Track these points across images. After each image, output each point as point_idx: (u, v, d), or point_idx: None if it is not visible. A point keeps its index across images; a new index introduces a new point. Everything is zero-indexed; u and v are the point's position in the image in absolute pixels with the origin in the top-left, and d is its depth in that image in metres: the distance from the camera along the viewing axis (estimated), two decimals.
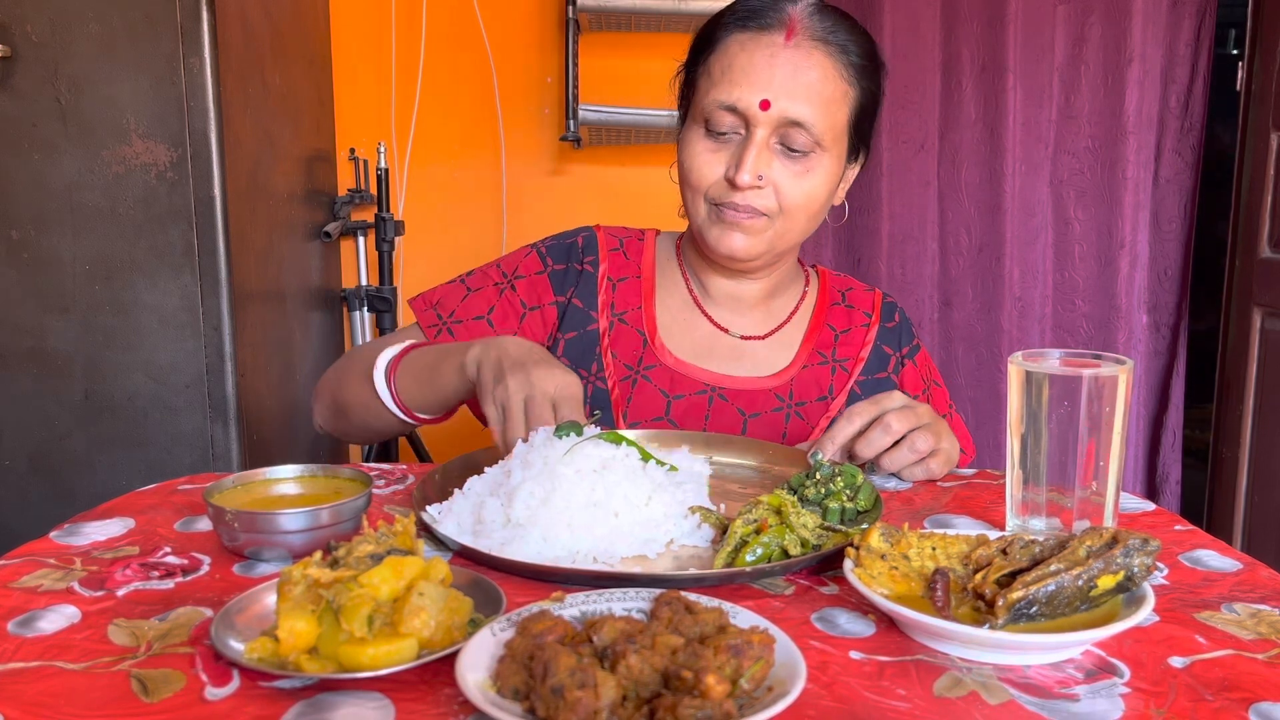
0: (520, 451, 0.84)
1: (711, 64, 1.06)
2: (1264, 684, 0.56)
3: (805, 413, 1.16)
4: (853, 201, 2.50)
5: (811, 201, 1.07)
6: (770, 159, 1.04)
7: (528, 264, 1.19)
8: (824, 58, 1.03)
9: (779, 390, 1.16)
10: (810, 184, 1.06)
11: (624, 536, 0.75)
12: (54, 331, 1.67)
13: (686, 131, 1.10)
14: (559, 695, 0.47)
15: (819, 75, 1.03)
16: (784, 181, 1.05)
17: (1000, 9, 2.40)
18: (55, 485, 1.71)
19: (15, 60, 1.59)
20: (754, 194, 1.05)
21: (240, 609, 0.60)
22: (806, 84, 1.02)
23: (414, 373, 1.04)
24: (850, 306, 1.25)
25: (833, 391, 1.18)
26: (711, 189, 1.07)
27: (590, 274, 1.18)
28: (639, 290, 1.19)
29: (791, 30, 1.03)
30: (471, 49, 2.41)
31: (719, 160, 1.06)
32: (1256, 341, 2.36)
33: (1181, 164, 2.52)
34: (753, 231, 1.07)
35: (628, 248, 1.22)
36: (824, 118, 1.04)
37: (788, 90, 1.02)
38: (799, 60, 1.02)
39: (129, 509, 0.84)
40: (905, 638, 0.62)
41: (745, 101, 1.02)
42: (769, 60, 1.02)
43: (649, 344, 1.16)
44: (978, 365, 2.54)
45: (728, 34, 1.06)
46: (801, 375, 1.18)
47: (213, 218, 1.66)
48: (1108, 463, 0.76)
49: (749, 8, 1.05)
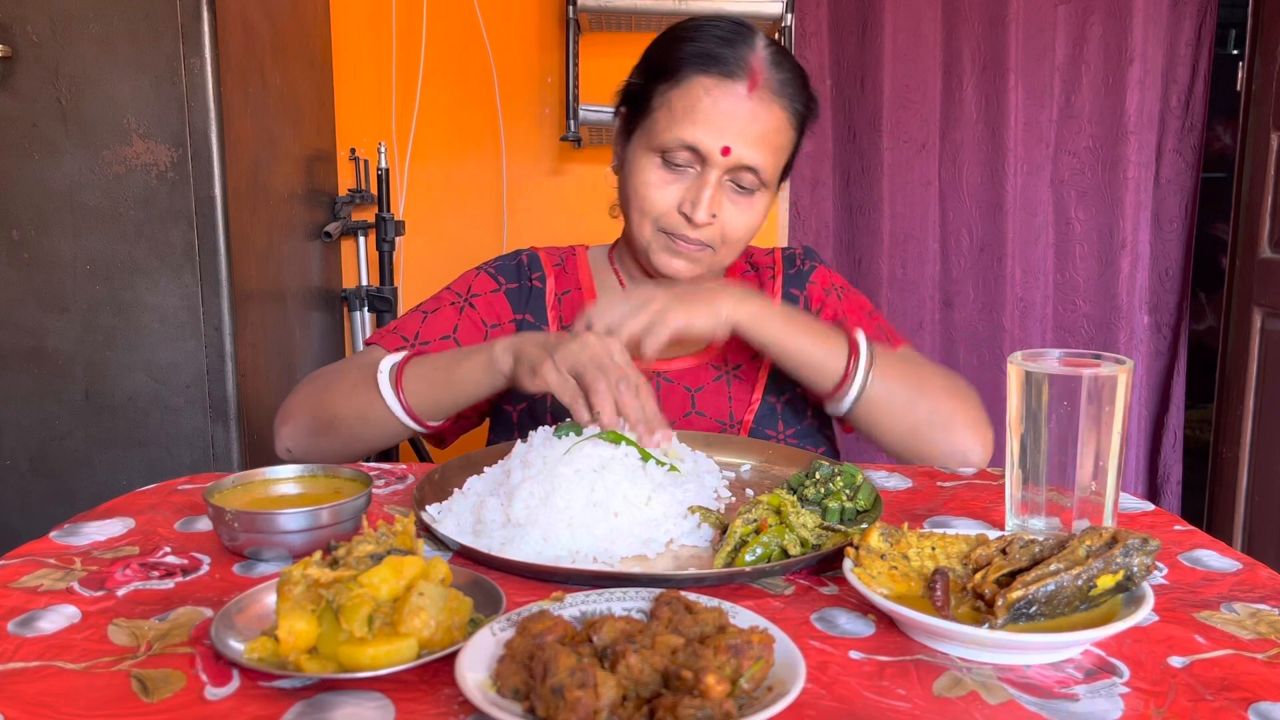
0: (520, 451, 0.84)
1: (673, 100, 1.10)
2: (1264, 684, 0.56)
3: (742, 373, 1.21)
4: (853, 201, 2.52)
5: (750, 233, 1.15)
6: (721, 198, 1.11)
7: (480, 284, 1.23)
8: (780, 110, 1.10)
9: (714, 360, 1.21)
10: (752, 218, 1.14)
11: (624, 536, 0.75)
12: (54, 331, 1.67)
13: (640, 155, 1.13)
14: (559, 695, 0.47)
15: (774, 127, 1.10)
16: (731, 217, 1.12)
17: (1001, 9, 2.40)
18: (55, 485, 1.71)
19: (15, 60, 1.59)
20: (705, 230, 1.11)
21: (240, 609, 0.60)
22: (762, 134, 1.09)
23: (425, 376, 1.04)
24: (756, 269, 1.30)
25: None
26: (662, 217, 1.12)
27: (539, 290, 1.23)
28: (581, 301, 1.23)
29: (754, 82, 1.08)
30: (471, 49, 2.41)
31: (672, 192, 1.11)
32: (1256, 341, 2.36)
33: (1182, 164, 2.52)
34: (695, 260, 1.14)
35: (566, 264, 1.27)
36: (772, 163, 1.11)
37: (746, 139, 1.08)
38: (759, 111, 1.08)
39: (129, 509, 0.84)
40: (905, 638, 0.62)
41: (707, 145, 1.07)
42: (732, 109, 1.07)
43: None
44: (979, 365, 2.54)
45: (692, 74, 1.09)
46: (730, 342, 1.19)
47: (213, 218, 1.66)
48: (1107, 462, 0.76)
49: (713, 53, 1.09)
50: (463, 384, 1.02)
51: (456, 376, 1.02)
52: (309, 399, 1.13)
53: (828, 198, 2.50)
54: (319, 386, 1.13)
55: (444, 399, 1.04)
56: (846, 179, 2.51)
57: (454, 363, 1.04)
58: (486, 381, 1.00)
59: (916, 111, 2.45)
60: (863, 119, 2.46)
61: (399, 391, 1.04)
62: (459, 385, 1.02)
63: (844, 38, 2.45)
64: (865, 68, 2.44)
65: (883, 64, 2.41)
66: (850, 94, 2.47)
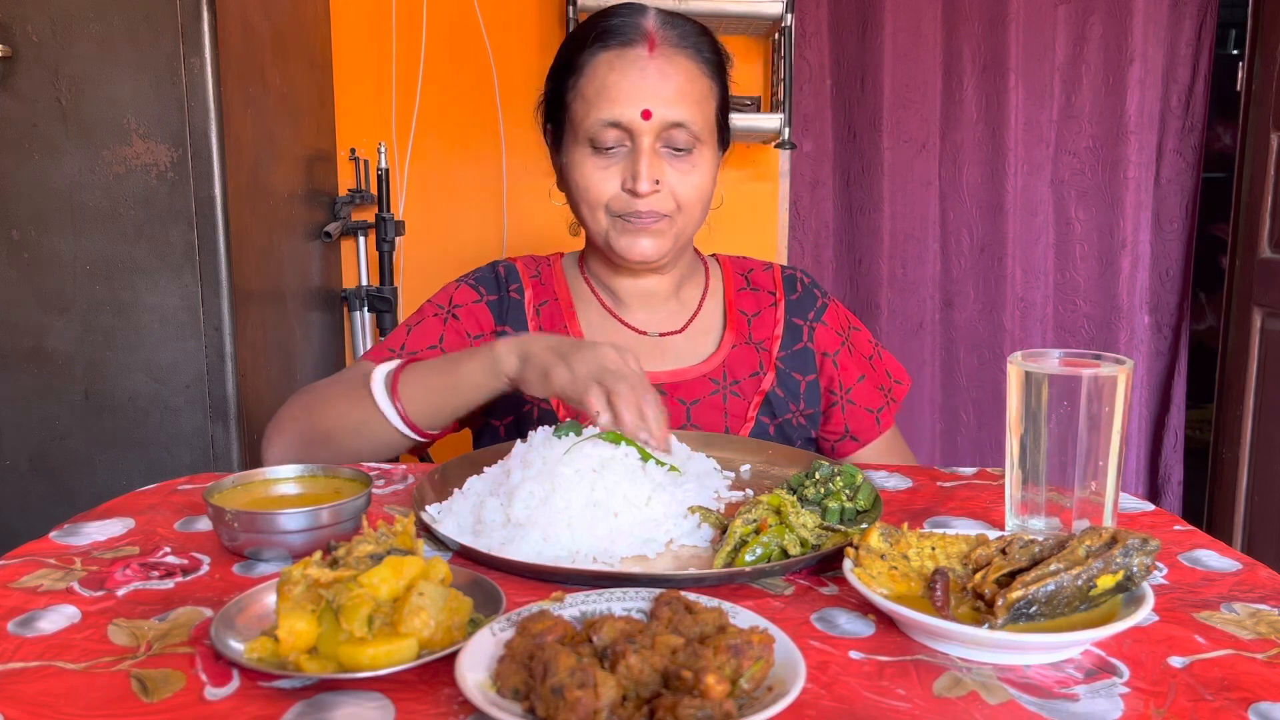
0: (520, 451, 0.84)
1: (583, 87, 1.11)
2: (1263, 684, 0.56)
3: (740, 390, 1.20)
4: (853, 201, 2.52)
5: (703, 194, 1.15)
6: (661, 164, 1.11)
7: (461, 295, 1.22)
8: (686, 61, 1.11)
9: (712, 374, 1.20)
10: (699, 178, 1.14)
11: (624, 536, 0.75)
12: (54, 331, 1.67)
13: (572, 153, 1.14)
14: (559, 695, 0.47)
15: (686, 78, 1.11)
16: (677, 181, 1.12)
17: (1001, 9, 2.40)
18: (55, 485, 1.71)
19: (15, 60, 1.59)
20: (654, 199, 1.11)
21: (240, 609, 0.60)
22: (677, 87, 1.10)
23: (423, 381, 1.02)
24: (755, 289, 1.29)
25: (762, 367, 1.22)
26: (612, 202, 1.13)
27: (518, 301, 1.22)
28: (559, 312, 1.23)
29: (652, 42, 1.10)
30: (472, 49, 2.41)
31: (612, 175, 1.12)
32: (1256, 341, 2.36)
33: (1183, 164, 2.52)
34: (658, 233, 1.14)
35: (543, 274, 1.26)
36: (699, 114, 1.12)
37: (662, 96, 1.09)
38: (665, 67, 1.10)
39: (129, 509, 0.84)
40: (905, 638, 0.61)
41: (628, 115, 1.08)
42: (639, 73, 1.09)
43: None
44: (979, 365, 2.54)
45: (593, 56, 1.11)
46: (731, 356, 1.22)
47: (213, 218, 1.66)
48: (1107, 462, 0.76)
49: (607, 28, 1.11)
50: (464, 386, 1.00)
51: (456, 380, 1.01)
52: (300, 413, 1.09)
53: (828, 198, 2.50)
54: (310, 400, 1.10)
55: (444, 404, 1.02)
56: (846, 179, 2.51)
57: (452, 366, 1.02)
58: (489, 383, 0.99)
59: (916, 111, 2.45)
60: (863, 119, 2.46)
61: (395, 400, 1.02)
62: (460, 388, 1.01)
63: (844, 38, 2.45)
64: (865, 68, 2.44)
65: (883, 64, 2.41)
66: (850, 94, 2.47)
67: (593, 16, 1.15)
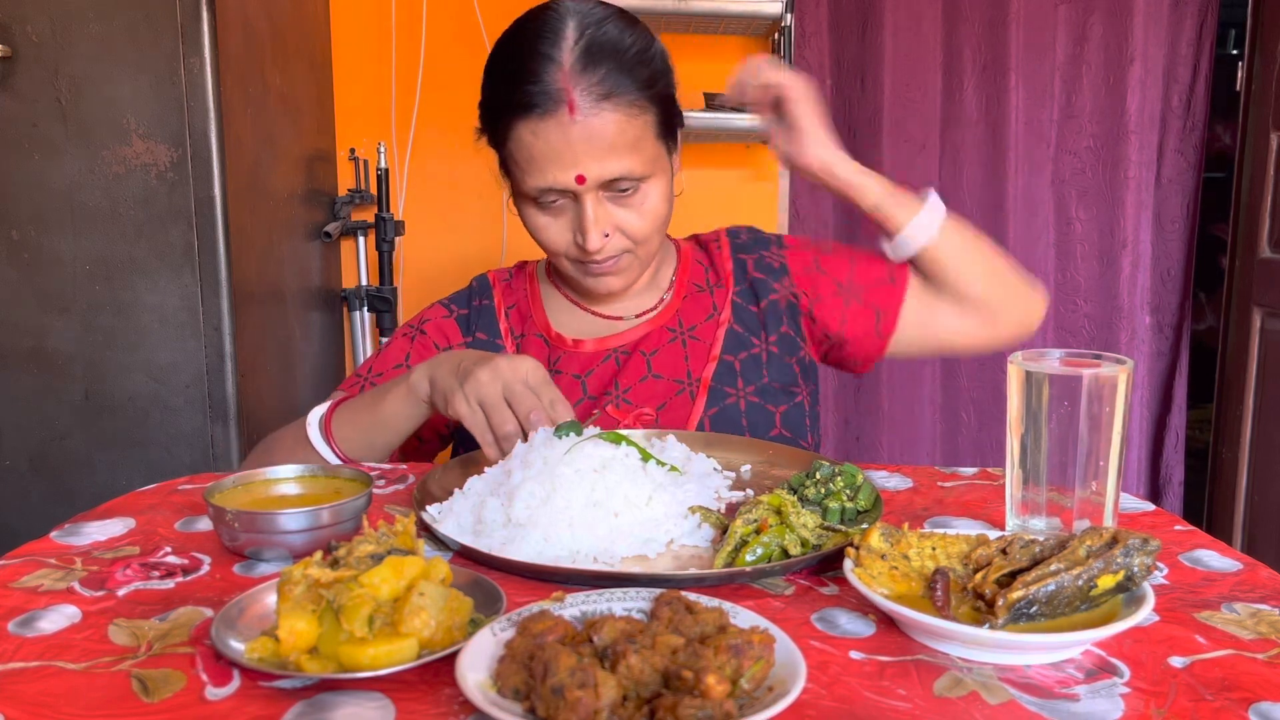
0: (520, 451, 0.84)
1: (513, 152, 1.07)
2: (1264, 684, 0.56)
3: (699, 334, 1.20)
4: None
5: (656, 221, 1.12)
6: (607, 213, 1.08)
7: (432, 313, 1.25)
8: (611, 112, 1.03)
9: (668, 324, 1.20)
10: (650, 211, 1.10)
11: (624, 536, 0.75)
12: (54, 331, 1.67)
13: (521, 207, 1.13)
14: (559, 695, 0.47)
15: (615, 130, 1.04)
16: (628, 222, 1.09)
17: (1001, 9, 2.40)
18: (55, 485, 1.71)
19: (15, 60, 1.59)
20: (608, 248, 1.10)
21: (240, 609, 0.60)
22: (607, 145, 1.04)
23: (352, 418, 1.03)
24: (703, 246, 1.29)
25: (716, 308, 1.21)
26: (568, 251, 1.12)
27: (489, 306, 1.24)
28: (529, 307, 1.24)
29: (572, 105, 1.02)
30: (471, 49, 2.41)
31: (564, 225, 1.10)
32: (1256, 341, 2.36)
33: (1184, 164, 2.52)
34: (620, 270, 1.13)
35: (514, 279, 1.28)
36: (637, 160, 1.06)
37: (593, 157, 1.04)
38: (590, 128, 1.03)
39: (129, 509, 0.84)
40: (905, 638, 0.61)
41: (561, 182, 1.05)
42: (564, 139, 1.03)
43: (550, 343, 1.20)
44: (979, 365, 2.54)
45: (515, 122, 1.05)
46: (684, 305, 1.22)
47: (213, 218, 1.66)
48: (1108, 462, 0.76)
49: (522, 100, 1.04)
50: (390, 419, 1.01)
51: (383, 413, 1.01)
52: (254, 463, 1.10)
53: (828, 198, 2.50)
54: (262, 450, 1.11)
55: (377, 438, 1.03)
56: None
57: (377, 399, 1.02)
58: (411, 412, 1.00)
59: (916, 111, 2.45)
60: (863, 119, 2.46)
61: (330, 441, 1.03)
62: (387, 421, 1.01)
63: (844, 37, 2.45)
64: (865, 67, 2.44)
65: (883, 64, 2.41)
66: (850, 94, 2.47)
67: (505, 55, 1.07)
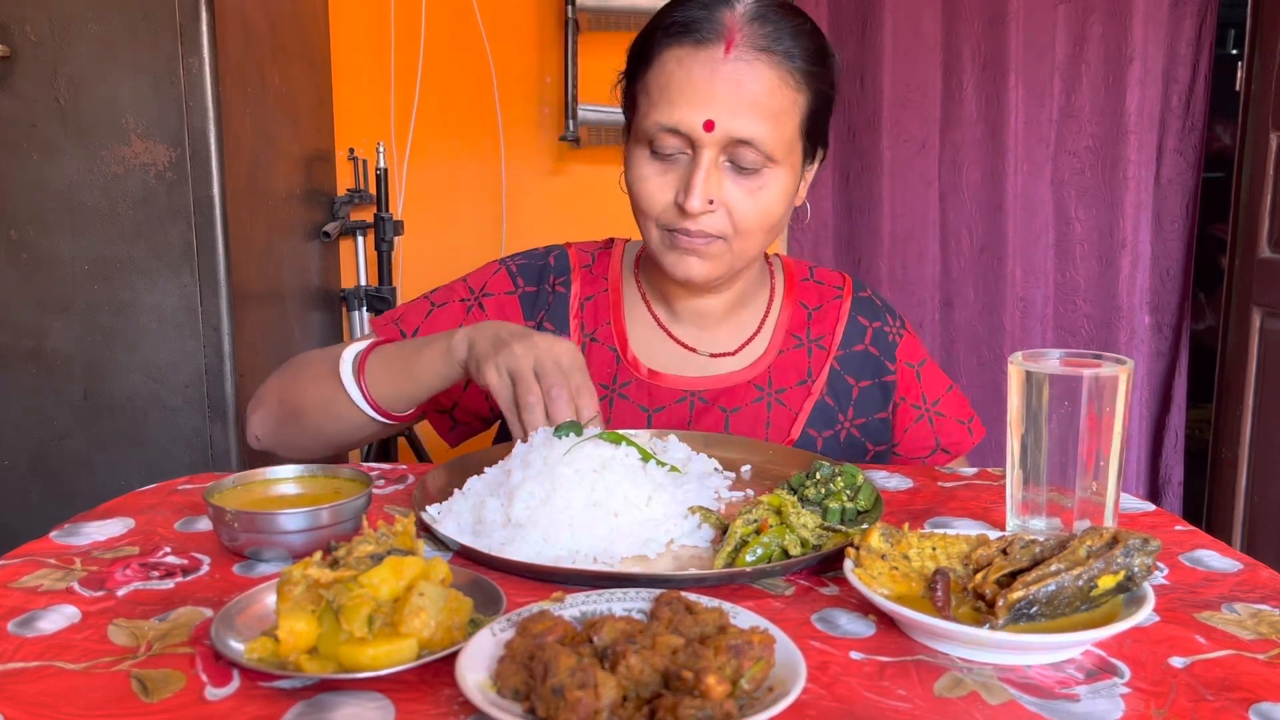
0: (520, 451, 0.84)
1: (649, 82, 1.00)
2: (1264, 684, 0.56)
3: (786, 399, 1.12)
4: (853, 201, 2.52)
5: (767, 218, 1.02)
6: (720, 180, 0.99)
7: (497, 282, 1.15)
8: (767, 69, 0.96)
9: (757, 380, 1.12)
10: (764, 201, 1.00)
11: (624, 536, 0.75)
12: (53, 331, 1.66)
13: (631, 152, 1.04)
14: (559, 695, 0.47)
15: (764, 88, 0.96)
16: (737, 201, 1.00)
17: (1001, 9, 2.40)
18: (55, 485, 1.71)
19: (15, 60, 1.59)
20: (706, 218, 1.00)
21: (240, 609, 0.60)
22: (751, 99, 0.96)
23: (387, 364, 0.98)
24: (819, 282, 1.20)
25: (811, 374, 1.14)
26: (663, 214, 1.02)
27: (563, 295, 1.14)
28: (608, 304, 1.15)
29: (731, 42, 0.95)
30: (471, 49, 2.41)
31: (668, 183, 1.00)
32: (1256, 341, 2.36)
33: (1183, 163, 2.52)
34: (709, 256, 1.03)
35: (597, 263, 1.18)
36: (773, 133, 0.97)
37: (731, 108, 0.95)
38: (741, 74, 0.95)
39: (129, 509, 0.84)
40: (905, 638, 0.61)
41: (688, 123, 0.96)
42: (709, 77, 0.95)
43: (621, 360, 1.12)
44: (979, 365, 2.54)
45: (663, 49, 0.99)
46: (778, 361, 1.14)
47: (212, 218, 1.66)
48: (1108, 463, 0.76)
49: (683, 20, 0.98)
50: (423, 374, 0.96)
51: (417, 366, 0.96)
52: (277, 387, 1.07)
53: (827, 197, 2.50)
54: (292, 373, 1.06)
55: (406, 388, 0.97)
56: (846, 178, 2.51)
57: (417, 350, 0.97)
58: (444, 371, 0.95)
59: (916, 111, 2.45)
60: (862, 118, 2.46)
61: (361, 381, 0.98)
62: (420, 375, 0.96)
63: (844, 37, 2.45)
64: (865, 67, 2.44)
65: (882, 63, 2.41)
66: (850, 93, 2.47)
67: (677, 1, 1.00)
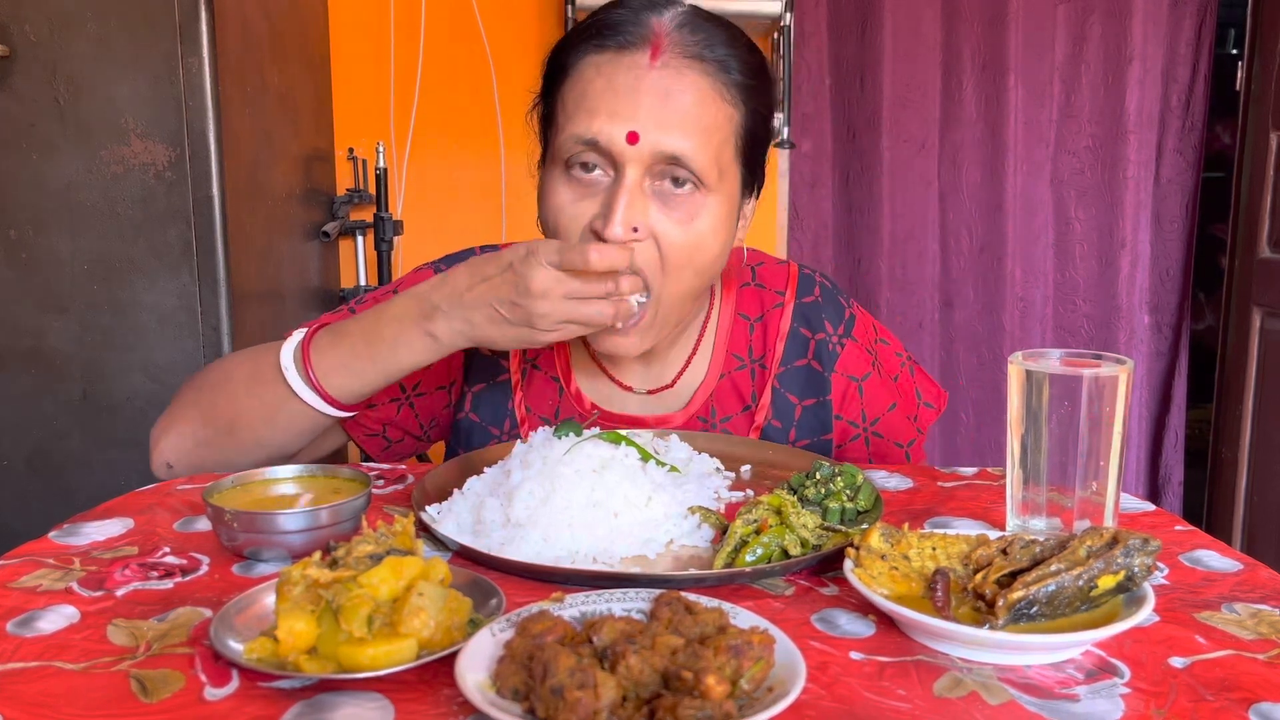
0: (520, 451, 0.84)
1: (565, 94, 0.89)
2: (1264, 684, 0.56)
3: (731, 427, 1.05)
4: (853, 201, 2.52)
5: (699, 252, 0.90)
6: (646, 205, 0.87)
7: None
8: (699, 77, 0.87)
9: (700, 413, 1.05)
10: (696, 232, 0.88)
11: (624, 536, 0.75)
12: (52, 331, 1.66)
13: (546, 178, 0.92)
14: (559, 695, 0.47)
15: (694, 99, 0.86)
16: (665, 230, 0.87)
17: (1001, 9, 2.40)
18: (54, 485, 1.71)
19: (14, 60, 1.59)
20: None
21: (239, 609, 0.60)
22: (680, 110, 0.85)
23: (342, 354, 0.88)
24: (761, 286, 1.08)
25: (755, 398, 1.06)
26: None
27: None
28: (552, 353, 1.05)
29: (658, 48, 0.86)
30: (471, 48, 2.41)
31: (588, 208, 0.88)
32: (1256, 341, 2.36)
33: (1183, 163, 2.52)
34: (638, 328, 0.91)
35: None
36: (705, 149, 0.87)
37: (657, 120, 0.85)
38: (669, 82, 0.85)
39: (128, 509, 0.84)
40: (905, 638, 0.61)
41: (607, 134, 0.85)
42: (633, 84, 0.85)
43: (565, 392, 1.05)
44: (979, 365, 2.54)
45: (582, 56, 0.88)
46: (720, 387, 1.05)
47: (211, 217, 1.66)
48: (1108, 463, 0.76)
49: (604, 23, 0.88)
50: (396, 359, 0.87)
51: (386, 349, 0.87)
52: (197, 402, 0.95)
53: (827, 197, 2.50)
54: (209, 385, 0.95)
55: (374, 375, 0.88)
56: (846, 179, 2.51)
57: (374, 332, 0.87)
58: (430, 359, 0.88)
59: (916, 111, 2.45)
60: (862, 118, 2.46)
61: (310, 375, 0.88)
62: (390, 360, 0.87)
63: (844, 37, 2.45)
64: (865, 67, 2.44)
65: (882, 63, 2.41)
66: (850, 93, 2.47)
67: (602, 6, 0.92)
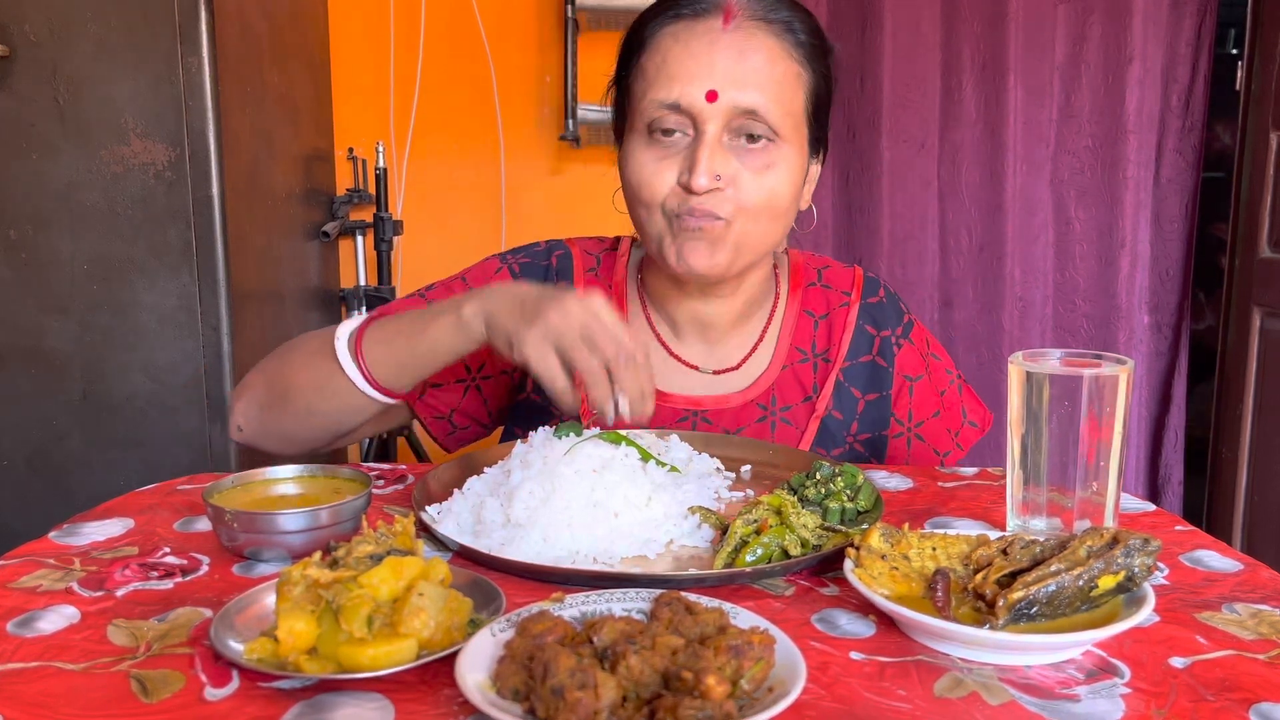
0: (520, 451, 0.84)
1: (645, 64, 0.97)
2: (1264, 684, 0.56)
3: (791, 417, 1.08)
4: (852, 201, 2.51)
5: (775, 199, 0.97)
6: (726, 157, 0.94)
7: (498, 281, 1.10)
8: (768, 38, 0.95)
9: (760, 399, 1.08)
10: (772, 181, 0.96)
11: (624, 537, 0.75)
12: (52, 331, 1.66)
13: (628, 144, 0.99)
14: (559, 696, 0.47)
15: (765, 57, 0.94)
16: (743, 180, 0.95)
17: (1001, 8, 2.40)
18: (54, 485, 1.71)
19: (14, 60, 1.59)
20: (712, 198, 0.94)
21: (240, 609, 0.60)
22: (754, 68, 0.93)
23: (388, 340, 0.93)
24: (827, 286, 1.14)
25: (817, 389, 1.10)
26: (668, 200, 0.96)
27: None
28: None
29: (729, 13, 0.94)
30: (470, 48, 2.41)
31: (670, 167, 0.95)
32: (1256, 341, 2.36)
33: (1183, 163, 2.52)
34: (712, 238, 0.96)
35: (603, 265, 1.13)
36: (778, 103, 0.95)
37: (733, 77, 0.93)
38: (741, 43, 0.94)
39: (128, 509, 0.84)
40: (905, 638, 0.61)
41: (689, 96, 0.93)
42: (708, 48, 0.93)
43: None
44: (978, 366, 2.54)
45: (658, 29, 0.97)
46: (782, 377, 1.09)
47: (211, 217, 1.66)
48: (1108, 463, 0.76)
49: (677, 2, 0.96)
50: (430, 349, 0.91)
51: (423, 339, 0.91)
52: (266, 370, 1.02)
53: (827, 197, 2.50)
54: (278, 356, 1.02)
55: (411, 364, 0.93)
56: (846, 178, 2.51)
57: (420, 325, 0.92)
58: (458, 346, 0.90)
59: (916, 111, 2.45)
60: (862, 118, 2.46)
61: (359, 357, 0.93)
62: (426, 350, 0.91)
63: (843, 37, 2.45)
64: (865, 66, 2.44)
65: (882, 63, 2.41)
66: (850, 93, 2.47)
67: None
